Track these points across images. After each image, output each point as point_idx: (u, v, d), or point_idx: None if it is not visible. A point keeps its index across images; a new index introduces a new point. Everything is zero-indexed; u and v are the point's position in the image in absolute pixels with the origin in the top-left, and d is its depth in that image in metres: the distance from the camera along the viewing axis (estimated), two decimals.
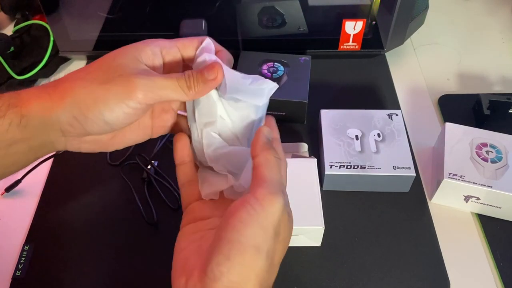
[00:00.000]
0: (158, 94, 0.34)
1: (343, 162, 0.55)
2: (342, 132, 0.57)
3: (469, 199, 0.53)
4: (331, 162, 0.55)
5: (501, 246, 0.52)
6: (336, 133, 0.57)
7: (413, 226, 0.53)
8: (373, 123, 0.58)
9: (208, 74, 0.36)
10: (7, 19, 0.84)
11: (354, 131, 0.57)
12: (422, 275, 0.50)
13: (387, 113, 0.59)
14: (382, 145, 0.56)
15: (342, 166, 0.54)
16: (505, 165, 0.52)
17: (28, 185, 0.59)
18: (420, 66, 0.73)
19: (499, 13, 0.82)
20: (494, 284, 0.49)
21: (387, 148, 0.56)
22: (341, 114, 0.59)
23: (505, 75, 0.71)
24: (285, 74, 0.63)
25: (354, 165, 0.54)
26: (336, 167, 0.54)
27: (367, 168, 0.54)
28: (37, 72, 0.72)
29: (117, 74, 0.33)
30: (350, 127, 0.58)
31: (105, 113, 0.33)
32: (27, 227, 0.55)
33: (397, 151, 0.55)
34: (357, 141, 0.56)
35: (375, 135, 0.57)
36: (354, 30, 0.68)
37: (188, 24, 0.71)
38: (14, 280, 0.50)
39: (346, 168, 0.54)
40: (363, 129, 0.58)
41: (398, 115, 0.59)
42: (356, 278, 0.49)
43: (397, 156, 0.55)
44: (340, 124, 0.58)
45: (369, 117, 0.59)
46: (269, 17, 0.69)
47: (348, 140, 0.57)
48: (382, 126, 0.58)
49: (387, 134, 0.57)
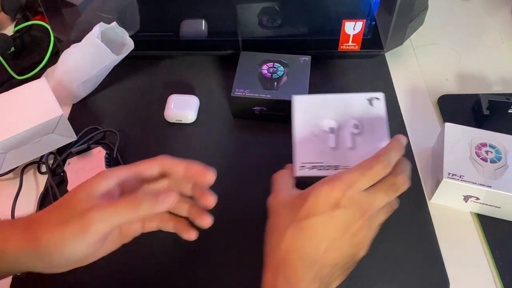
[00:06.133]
0: (111, 223, 0.37)
1: (315, 163, 0.47)
2: (316, 123, 0.50)
3: (469, 199, 0.53)
4: (302, 162, 0.48)
5: (501, 246, 0.52)
6: (310, 124, 0.50)
7: (413, 226, 0.53)
8: (350, 111, 0.50)
9: (161, 203, 0.38)
10: (8, 19, 0.84)
11: (329, 122, 0.50)
12: (421, 274, 0.50)
13: (367, 97, 0.51)
14: (359, 139, 0.48)
15: (314, 167, 0.47)
16: (505, 165, 0.52)
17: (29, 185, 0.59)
18: (419, 66, 0.73)
19: (498, 13, 0.82)
20: (494, 283, 0.49)
21: (364, 143, 0.48)
22: (316, 101, 0.51)
23: (504, 75, 0.71)
24: (285, 74, 0.63)
25: (327, 165, 0.47)
26: (307, 168, 0.47)
27: (340, 169, 0.47)
28: (37, 72, 0.72)
29: (74, 211, 0.37)
30: (325, 116, 0.50)
31: (65, 252, 0.37)
32: None
33: (374, 145, 0.47)
34: (332, 135, 0.49)
35: (351, 127, 0.49)
36: (353, 30, 0.68)
37: (188, 24, 0.71)
38: (14, 280, 0.51)
39: (318, 170, 0.47)
40: (339, 118, 0.50)
41: (380, 100, 0.50)
42: (356, 278, 0.49)
43: (374, 151, 0.45)
44: (314, 112, 0.50)
45: (347, 103, 0.51)
46: (269, 17, 0.69)
47: (322, 133, 0.49)
48: (360, 115, 0.50)
49: (366, 125, 0.49)
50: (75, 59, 0.63)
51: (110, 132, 0.63)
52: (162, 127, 0.65)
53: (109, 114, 0.67)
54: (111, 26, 0.63)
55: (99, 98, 0.70)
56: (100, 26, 0.62)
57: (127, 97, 0.70)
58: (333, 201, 0.39)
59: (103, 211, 0.36)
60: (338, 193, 0.39)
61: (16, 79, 0.71)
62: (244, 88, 0.61)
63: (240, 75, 0.63)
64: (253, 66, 0.64)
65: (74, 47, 0.64)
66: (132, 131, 0.65)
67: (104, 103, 0.69)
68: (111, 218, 0.37)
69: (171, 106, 0.65)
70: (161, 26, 0.72)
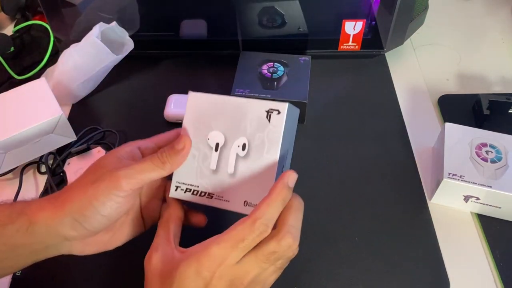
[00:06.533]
0: (140, 178, 0.38)
1: (191, 185, 0.41)
2: (204, 134, 0.41)
3: (469, 199, 0.53)
4: (178, 182, 0.42)
5: (501, 246, 0.52)
6: (197, 134, 0.41)
7: (413, 226, 0.53)
8: (244, 124, 0.39)
9: (178, 145, 0.40)
10: (7, 19, 0.84)
11: (216, 136, 0.40)
12: (421, 275, 0.50)
13: (266, 108, 0.39)
14: (242, 166, 0.39)
15: (188, 189, 0.41)
16: (505, 165, 0.52)
17: (29, 185, 0.59)
18: (420, 66, 0.73)
19: (499, 13, 0.82)
20: (494, 284, 0.49)
21: (246, 173, 0.39)
22: (210, 103, 0.41)
23: (504, 75, 0.71)
24: (285, 74, 0.63)
25: (202, 191, 0.40)
26: (181, 190, 0.41)
27: (214, 199, 0.40)
28: (37, 72, 0.72)
29: (103, 172, 0.38)
30: (214, 126, 0.40)
31: (99, 208, 0.37)
32: None
33: (258, 178, 0.39)
34: (215, 153, 0.40)
35: (239, 146, 0.39)
36: (354, 30, 0.68)
37: (188, 24, 0.71)
38: (14, 280, 0.50)
39: (192, 195, 0.41)
40: (229, 132, 0.40)
41: (281, 114, 0.38)
42: (356, 279, 0.49)
43: (256, 186, 0.39)
44: (206, 119, 0.41)
45: (243, 112, 0.39)
46: (269, 17, 0.69)
47: (206, 149, 0.41)
48: (253, 132, 0.39)
49: (255, 147, 0.39)
50: (75, 59, 0.63)
51: (110, 132, 0.63)
52: (162, 127, 0.65)
53: (108, 114, 0.67)
54: (111, 26, 0.62)
55: (99, 98, 0.70)
56: (100, 26, 0.62)
57: (127, 97, 0.70)
58: (201, 284, 0.35)
59: (131, 169, 0.38)
60: (207, 274, 0.35)
61: (16, 79, 0.71)
62: (244, 88, 0.61)
63: (240, 75, 0.63)
64: (253, 66, 0.64)
65: (73, 47, 0.64)
66: (131, 131, 0.64)
67: (104, 103, 0.69)
68: (139, 175, 0.38)
69: (171, 106, 0.65)
70: (161, 26, 0.72)
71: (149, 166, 0.39)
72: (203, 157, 0.41)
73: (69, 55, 0.64)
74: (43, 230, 0.38)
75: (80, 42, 0.63)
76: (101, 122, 0.66)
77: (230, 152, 0.40)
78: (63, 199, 0.38)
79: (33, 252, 0.39)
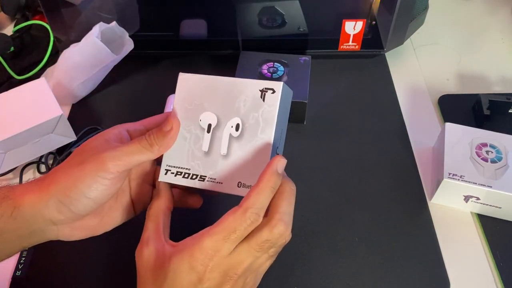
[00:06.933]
0: (127, 160, 0.37)
1: (181, 167, 0.40)
2: (195, 115, 0.40)
3: (469, 199, 0.53)
4: (168, 165, 0.40)
5: (501, 246, 0.52)
6: (188, 116, 0.40)
7: (413, 226, 0.53)
8: (237, 104, 0.39)
9: (165, 126, 0.39)
10: (7, 19, 0.84)
11: (209, 117, 0.39)
12: (422, 275, 0.50)
13: (261, 87, 0.38)
14: (235, 147, 0.38)
15: (179, 173, 0.40)
16: (505, 165, 0.52)
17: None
18: (420, 66, 0.73)
19: (499, 13, 0.82)
20: (494, 284, 0.49)
21: (240, 154, 0.38)
22: (202, 84, 0.40)
23: (505, 75, 0.71)
24: (285, 74, 0.63)
25: (194, 174, 0.39)
26: (172, 173, 0.40)
27: (206, 181, 0.39)
28: (36, 72, 0.72)
29: (89, 154, 0.38)
30: (207, 107, 0.39)
31: (84, 190, 0.36)
32: None
33: (252, 159, 0.38)
34: (207, 135, 0.39)
35: (232, 127, 0.38)
36: (354, 30, 0.68)
37: (188, 24, 0.71)
38: (14, 280, 0.50)
39: (183, 178, 0.40)
40: (222, 113, 0.39)
41: (276, 93, 0.37)
42: (356, 279, 0.49)
43: (250, 167, 0.38)
44: (198, 100, 0.40)
45: (236, 92, 0.39)
46: (269, 17, 0.69)
47: (197, 131, 0.40)
48: (246, 112, 0.38)
49: (249, 127, 0.38)
50: (75, 59, 0.63)
51: None
52: None
53: (108, 114, 0.67)
54: (110, 26, 0.62)
55: (99, 98, 0.70)
56: (100, 26, 0.62)
57: (127, 97, 0.70)
58: (195, 277, 0.35)
59: (118, 151, 0.37)
60: (200, 268, 0.35)
61: (16, 79, 0.71)
62: None
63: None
64: (253, 66, 0.64)
65: (73, 47, 0.64)
66: None
67: (104, 103, 0.69)
68: (126, 157, 0.37)
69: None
70: (161, 26, 0.72)
71: (137, 148, 0.38)
72: (195, 139, 0.40)
73: (69, 55, 0.64)
74: (28, 213, 0.37)
75: (80, 42, 0.63)
76: (101, 122, 0.66)
77: (223, 132, 0.39)
78: (48, 181, 0.37)
79: (19, 238, 0.38)
